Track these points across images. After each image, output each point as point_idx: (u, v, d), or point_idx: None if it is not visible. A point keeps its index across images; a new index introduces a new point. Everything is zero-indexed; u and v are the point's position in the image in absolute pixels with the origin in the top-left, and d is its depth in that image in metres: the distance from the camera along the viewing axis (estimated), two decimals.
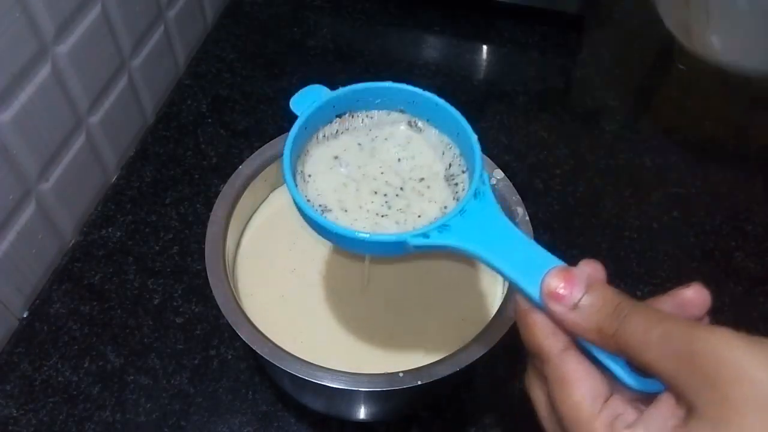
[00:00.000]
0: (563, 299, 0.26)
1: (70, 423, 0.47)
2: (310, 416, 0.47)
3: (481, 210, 0.31)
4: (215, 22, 0.74)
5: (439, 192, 0.34)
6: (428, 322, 0.42)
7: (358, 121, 0.36)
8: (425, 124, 0.35)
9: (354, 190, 0.34)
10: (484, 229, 0.30)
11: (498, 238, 0.30)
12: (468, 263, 0.45)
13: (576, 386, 0.25)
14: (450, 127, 0.34)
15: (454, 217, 0.30)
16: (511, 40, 0.73)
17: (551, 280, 0.26)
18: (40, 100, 0.47)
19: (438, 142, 0.35)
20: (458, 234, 0.30)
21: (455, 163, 0.34)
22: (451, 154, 0.35)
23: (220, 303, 0.38)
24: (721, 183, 0.61)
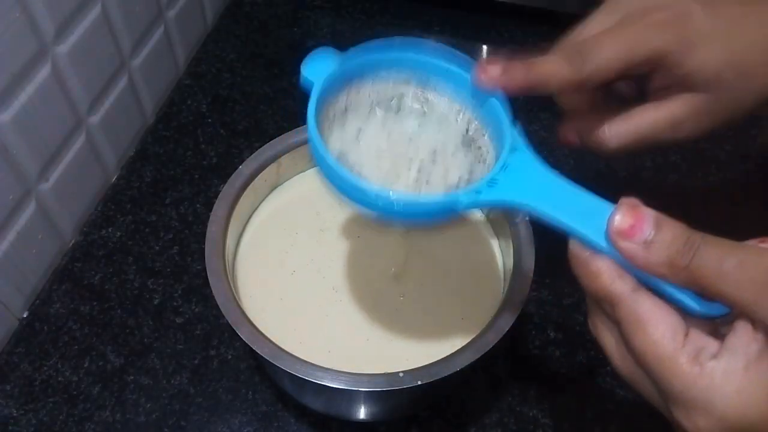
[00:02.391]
0: (635, 236, 0.27)
1: (70, 423, 0.47)
2: (310, 416, 0.47)
3: (524, 163, 0.31)
4: (215, 22, 0.74)
5: (461, 159, 0.34)
6: (428, 322, 0.42)
7: (365, 96, 0.34)
8: (433, 93, 0.35)
9: (375, 168, 0.34)
10: (531, 181, 0.30)
11: (546, 188, 0.30)
12: (468, 263, 0.45)
13: (655, 324, 0.25)
14: (463, 88, 0.34)
15: (499, 172, 0.30)
16: (511, 40, 0.73)
17: (621, 219, 0.27)
18: (40, 100, 0.47)
19: (449, 109, 0.34)
20: (507, 188, 0.30)
21: (472, 127, 0.34)
22: (465, 119, 0.34)
23: (220, 303, 0.38)
24: (721, 183, 0.61)
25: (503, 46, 0.72)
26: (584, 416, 0.48)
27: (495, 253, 0.45)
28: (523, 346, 0.51)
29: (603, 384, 0.49)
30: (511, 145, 0.31)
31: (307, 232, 0.46)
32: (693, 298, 0.26)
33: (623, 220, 0.27)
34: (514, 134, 0.31)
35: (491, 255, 0.45)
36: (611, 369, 0.29)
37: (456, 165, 0.33)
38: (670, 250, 0.26)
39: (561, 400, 0.48)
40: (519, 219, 0.42)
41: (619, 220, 0.27)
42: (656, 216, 0.27)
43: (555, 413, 0.48)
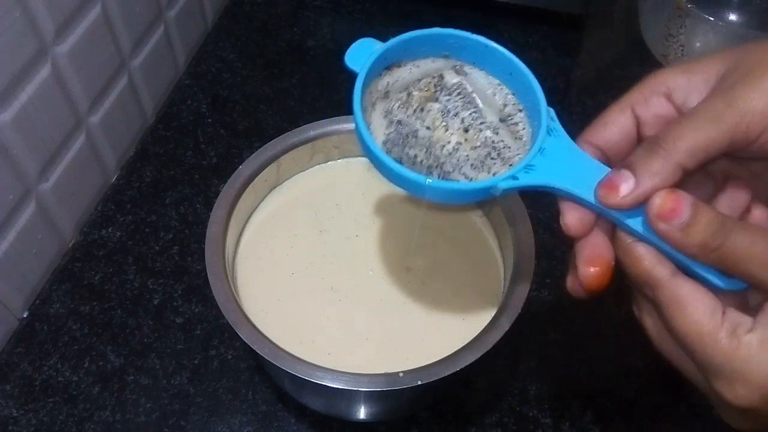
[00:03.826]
0: (673, 220, 0.28)
1: (70, 423, 0.47)
2: (310, 416, 0.47)
3: (559, 146, 0.31)
4: (215, 22, 0.74)
5: (498, 134, 0.34)
6: (428, 322, 0.42)
7: (406, 72, 0.35)
8: (471, 68, 0.35)
9: (414, 146, 0.34)
10: (568, 165, 0.31)
11: (581, 172, 0.30)
12: (468, 263, 0.45)
13: (694, 305, 0.27)
14: (500, 68, 0.34)
15: (535, 156, 0.31)
16: (511, 40, 0.73)
17: (662, 203, 0.28)
18: (40, 100, 0.47)
19: (487, 84, 0.35)
20: (544, 172, 0.31)
21: (509, 103, 0.34)
22: (503, 95, 0.34)
23: (220, 303, 0.38)
24: None
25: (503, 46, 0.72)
26: (584, 416, 0.48)
27: (495, 253, 0.45)
28: (523, 346, 0.51)
29: (603, 384, 0.49)
30: (548, 128, 0.31)
31: (307, 232, 0.46)
32: (715, 275, 0.28)
33: (664, 204, 0.28)
34: (547, 117, 0.31)
35: (491, 255, 0.45)
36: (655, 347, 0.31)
37: (491, 141, 0.34)
38: (705, 233, 0.27)
39: (561, 400, 0.48)
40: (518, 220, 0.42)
41: (660, 204, 0.28)
42: (693, 200, 0.28)
43: (555, 413, 0.48)
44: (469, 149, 0.34)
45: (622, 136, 0.32)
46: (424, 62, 0.35)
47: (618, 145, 0.32)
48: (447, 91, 0.35)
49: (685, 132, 0.28)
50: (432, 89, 0.35)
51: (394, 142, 0.34)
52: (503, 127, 0.34)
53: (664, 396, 0.49)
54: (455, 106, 0.35)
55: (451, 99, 0.35)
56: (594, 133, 0.32)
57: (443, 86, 0.35)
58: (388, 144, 0.34)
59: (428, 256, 0.45)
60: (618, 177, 0.29)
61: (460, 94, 0.35)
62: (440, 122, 0.35)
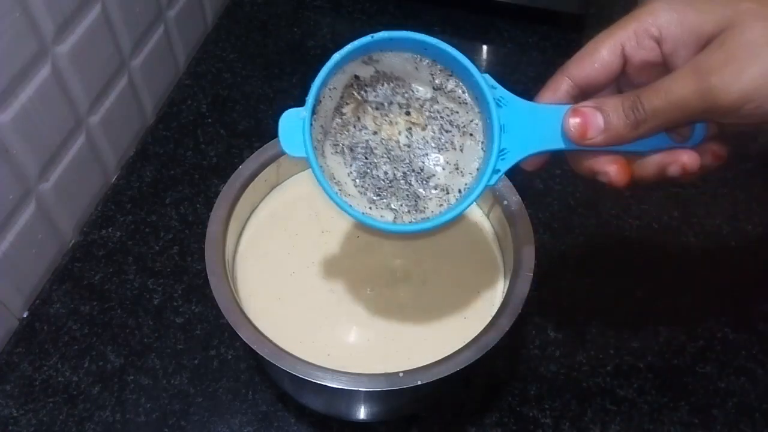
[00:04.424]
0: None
1: (70, 423, 0.47)
2: (310, 416, 0.47)
3: (514, 113, 0.32)
4: (215, 22, 0.74)
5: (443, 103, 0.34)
6: (428, 322, 0.42)
7: (328, 101, 0.33)
8: (379, 54, 0.33)
9: (379, 164, 0.35)
10: (531, 127, 0.32)
11: (542, 124, 0.32)
12: (468, 263, 0.45)
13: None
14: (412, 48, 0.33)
15: (501, 139, 0.32)
16: (511, 40, 0.73)
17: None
18: (40, 100, 0.47)
19: (403, 61, 0.33)
20: (517, 147, 0.32)
21: (436, 72, 0.33)
22: (424, 65, 0.33)
23: (220, 303, 0.38)
24: (721, 183, 0.61)
25: (503, 46, 0.72)
26: (584, 416, 0.48)
27: (495, 253, 0.45)
28: (523, 346, 0.51)
29: (603, 384, 0.49)
30: (495, 101, 0.31)
31: (307, 232, 0.46)
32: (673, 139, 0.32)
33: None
34: (490, 85, 0.32)
35: (491, 255, 0.45)
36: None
37: (437, 112, 0.34)
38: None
39: (561, 400, 0.48)
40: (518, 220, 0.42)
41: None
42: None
43: (555, 413, 0.48)
44: (421, 131, 0.34)
45: (606, 75, 0.32)
46: (337, 80, 0.33)
47: (596, 81, 0.33)
48: (369, 87, 0.34)
49: (659, 113, 0.30)
50: (356, 95, 0.34)
51: (361, 174, 0.34)
52: (441, 95, 0.34)
53: (664, 396, 0.49)
54: (385, 96, 0.34)
55: (377, 92, 0.34)
56: (578, 67, 0.33)
57: (363, 84, 0.34)
58: (358, 182, 0.34)
59: (429, 256, 0.45)
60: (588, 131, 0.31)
61: (381, 81, 0.34)
62: (381, 119, 0.34)
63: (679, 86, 0.29)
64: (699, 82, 0.28)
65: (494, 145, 0.32)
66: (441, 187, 0.35)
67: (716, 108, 0.29)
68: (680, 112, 0.29)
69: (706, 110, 0.29)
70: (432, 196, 0.35)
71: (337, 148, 0.34)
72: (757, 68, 0.28)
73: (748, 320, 0.52)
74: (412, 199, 0.35)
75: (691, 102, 0.29)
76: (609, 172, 0.33)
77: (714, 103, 0.28)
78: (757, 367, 0.50)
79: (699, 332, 0.52)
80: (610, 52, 0.32)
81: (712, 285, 0.55)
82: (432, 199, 0.35)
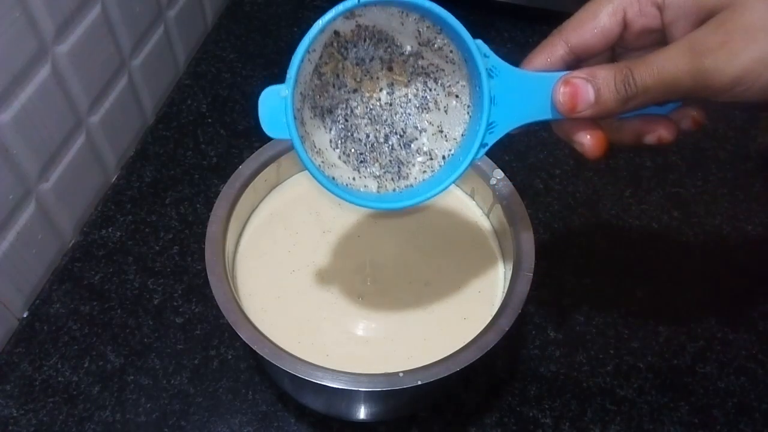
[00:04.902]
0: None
1: (70, 423, 0.47)
2: (310, 416, 0.47)
3: (506, 83, 0.31)
4: (215, 22, 0.74)
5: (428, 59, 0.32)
6: (428, 322, 0.42)
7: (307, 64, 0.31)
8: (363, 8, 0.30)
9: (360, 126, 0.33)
10: (522, 97, 0.31)
11: (532, 94, 0.31)
12: (469, 262, 0.45)
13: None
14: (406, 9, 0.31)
15: (491, 112, 0.31)
16: (511, 40, 0.73)
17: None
18: (40, 100, 0.47)
19: (388, 15, 0.31)
20: (505, 120, 0.31)
21: (423, 28, 0.31)
22: (411, 21, 0.31)
23: (220, 303, 0.38)
24: (721, 183, 0.61)
25: (503, 46, 0.72)
26: (584, 416, 0.48)
27: (495, 253, 0.45)
28: (523, 346, 0.51)
29: (603, 384, 0.49)
30: (487, 70, 0.30)
31: (307, 232, 0.46)
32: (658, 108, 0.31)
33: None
34: (483, 53, 0.30)
35: (491, 255, 0.45)
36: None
37: (421, 67, 0.32)
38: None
39: (561, 400, 0.48)
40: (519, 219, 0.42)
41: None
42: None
43: (555, 413, 0.48)
44: (404, 88, 0.32)
45: (604, 41, 0.32)
46: (318, 41, 0.31)
47: (593, 47, 0.32)
48: (350, 43, 0.32)
49: (650, 89, 0.29)
50: (336, 53, 0.32)
51: (342, 138, 0.33)
52: (426, 50, 0.32)
53: (664, 396, 0.49)
54: (366, 51, 0.32)
55: (358, 47, 0.32)
56: (576, 32, 0.32)
57: (343, 41, 0.31)
58: (340, 147, 0.33)
59: (429, 256, 0.45)
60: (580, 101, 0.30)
61: (363, 36, 0.32)
62: (361, 74, 0.32)
63: (672, 64, 0.29)
64: (693, 62, 0.28)
65: (483, 117, 0.31)
66: (424, 152, 0.33)
67: (707, 89, 0.28)
68: (671, 89, 0.29)
69: (697, 90, 0.29)
70: (415, 161, 0.33)
71: (315, 111, 0.32)
72: (752, 53, 0.27)
73: (748, 320, 0.52)
74: (395, 165, 0.33)
75: (682, 81, 0.28)
76: (584, 143, 0.32)
77: (705, 84, 0.28)
78: (757, 367, 0.50)
79: (699, 332, 0.52)
80: (610, 17, 0.31)
81: (712, 285, 0.55)
82: (415, 165, 0.33)
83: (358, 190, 0.32)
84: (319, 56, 0.31)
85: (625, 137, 0.33)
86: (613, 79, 0.30)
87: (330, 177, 0.32)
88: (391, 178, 0.33)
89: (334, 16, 0.29)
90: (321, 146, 0.33)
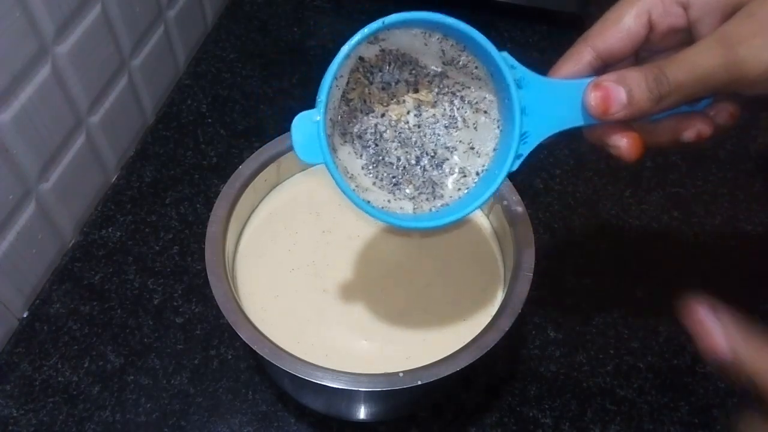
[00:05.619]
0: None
1: (70, 423, 0.47)
2: (310, 416, 0.47)
3: (535, 94, 0.31)
4: (215, 22, 0.74)
5: (453, 77, 0.32)
6: (428, 322, 0.42)
7: (335, 91, 0.31)
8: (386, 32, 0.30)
9: (390, 150, 0.33)
10: (552, 106, 0.31)
11: (562, 101, 0.30)
12: (468, 263, 0.45)
13: None
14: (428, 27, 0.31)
15: (522, 123, 0.30)
16: (511, 40, 0.73)
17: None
18: (40, 100, 0.47)
19: (411, 37, 0.31)
20: (538, 130, 0.31)
21: (446, 47, 0.31)
22: (435, 41, 0.31)
23: (220, 303, 0.38)
24: (721, 183, 0.61)
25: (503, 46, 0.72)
26: (584, 416, 0.48)
27: (495, 253, 0.45)
28: (523, 346, 0.51)
29: (603, 384, 0.49)
30: (516, 82, 0.30)
31: (307, 232, 0.46)
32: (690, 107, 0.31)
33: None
34: (509, 65, 0.30)
35: (491, 255, 0.45)
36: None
37: (446, 87, 0.32)
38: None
39: (561, 400, 0.48)
40: (519, 219, 0.42)
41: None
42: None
43: (555, 413, 0.48)
44: (431, 109, 0.32)
45: (630, 45, 0.31)
46: (344, 67, 0.31)
47: (620, 51, 0.31)
48: (375, 68, 0.32)
49: (683, 86, 0.29)
50: (362, 78, 0.32)
51: (374, 163, 0.33)
52: (451, 69, 0.32)
53: (664, 396, 0.49)
54: (392, 74, 0.32)
55: (383, 71, 0.32)
56: (602, 37, 0.31)
57: (368, 66, 0.32)
58: (372, 173, 0.33)
59: (429, 256, 0.45)
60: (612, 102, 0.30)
61: (387, 60, 0.32)
62: (388, 99, 0.32)
63: (704, 58, 0.28)
64: (726, 53, 0.27)
65: (516, 129, 0.30)
66: (457, 170, 0.33)
67: (742, 80, 0.28)
68: (704, 84, 0.28)
69: (732, 82, 0.28)
70: (449, 180, 0.33)
71: (345, 138, 0.33)
72: None
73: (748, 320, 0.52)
74: (429, 185, 0.33)
75: (716, 74, 0.28)
76: (620, 146, 0.31)
77: (741, 75, 0.27)
78: None
79: None
80: (635, 20, 0.31)
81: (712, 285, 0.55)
82: (449, 184, 0.33)
83: (394, 212, 0.33)
84: (345, 82, 0.32)
85: (661, 138, 0.32)
86: (644, 79, 0.29)
87: (366, 200, 0.32)
88: (426, 199, 0.33)
89: (360, 39, 0.29)
90: (353, 171, 0.33)
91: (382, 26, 0.29)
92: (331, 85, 0.30)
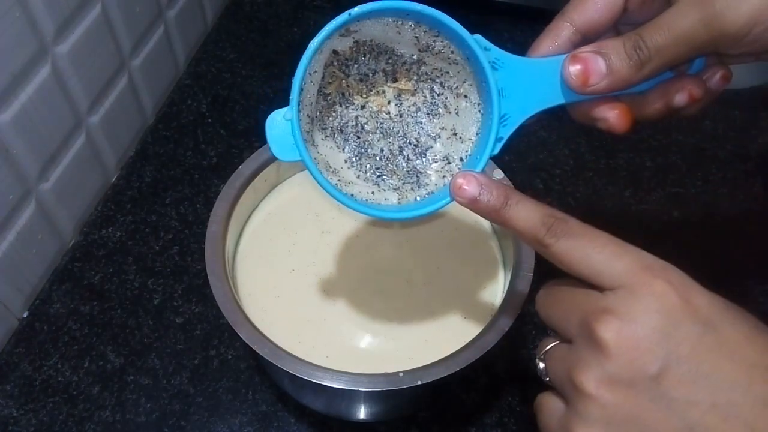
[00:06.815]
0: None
1: (70, 423, 0.47)
2: (310, 416, 0.47)
3: (511, 74, 0.30)
4: (215, 22, 0.74)
5: (431, 63, 0.32)
6: (428, 321, 0.42)
7: (309, 86, 0.31)
8: (357, 23, 0.30)
9: (373, 142, 0.33)
10: (530, 86, 0.30)
11: (541, 80, 0.30)
12: (468, 263, 0.45)
13: None
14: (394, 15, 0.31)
15: (501, 105, 0.30)
16: (511, 40, 0.73)
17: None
18: (40, 100, 0.47)
19: (384, 26, 0.31)
20: (518, 110, 0.30)
21: (419, 33, 0.31)
22: (407, 28, 0.31)
23: (220, 303, 0.38)
24: (721, 183, 0.61)
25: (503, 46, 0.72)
26: None
27: (495, 253, 0.45)
28: (523, 346, 0.51)
29: None
30: (491, 64, 0.30)
31: (307, 232, 0.46)
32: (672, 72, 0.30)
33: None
34: (483, 47, 0.30)
35: (491, 255, 0.45)
36: None
37: (425, 73, 0.32)
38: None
39: None
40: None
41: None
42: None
43: None
44: (411, 97, 0.32)
45: (609, 15, 0.31)
46: (316, 61, 0.31)
47: (598, 23, 0.31)
48: (350, 60, 0.32)
49: (663, 49, 0.28)
50: (337, 72, 0.32)
51: (357, 156, 0.33)
52: (428, 56, 0.32)
53: None
54: (368, 65, 0.32)
55: (358, 63, 0.32)
56: (579, 10, 0.31)
57: (343, 59, 0.32)
58: (355, 166, 0.32)
59: (429, 256, 0.45)
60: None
61: (361, 52, 0.32)
62: (367, 90, 0.32)
63: (681, 18, 0.28)
64: (703, 10, 0.27)
65: (494, 112, 0.30)
66: (441, 158, 0.33)
67: (723, 36, 0.27)
68: (685, 45, 0.28)
69: (712, 40, 0.27)
70: (432, 169, 0.33)
71: (326, 132, 0.32)
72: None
73: None
74: (413, 175, 0.33)
75: (696, 33, 0.27)
76: (608, 118, 0.31)
77: (720, 31, 0.27)
78: None
79: None
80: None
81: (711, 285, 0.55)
82: (433, 172, 0.33)
83: (378, 203, 0.32)
84: (321, 77, 0.31)
85: (652, 107, 0.32)
86: (622, 46, 0.29)
87: (349, 194, 0.32)
88: (410, 188, 0.33)
89: (328, 33, 0.29)
90: (336, 166, 0.32)
91: (349, 18, 0.29)
92: (303, 82, 0.29)
